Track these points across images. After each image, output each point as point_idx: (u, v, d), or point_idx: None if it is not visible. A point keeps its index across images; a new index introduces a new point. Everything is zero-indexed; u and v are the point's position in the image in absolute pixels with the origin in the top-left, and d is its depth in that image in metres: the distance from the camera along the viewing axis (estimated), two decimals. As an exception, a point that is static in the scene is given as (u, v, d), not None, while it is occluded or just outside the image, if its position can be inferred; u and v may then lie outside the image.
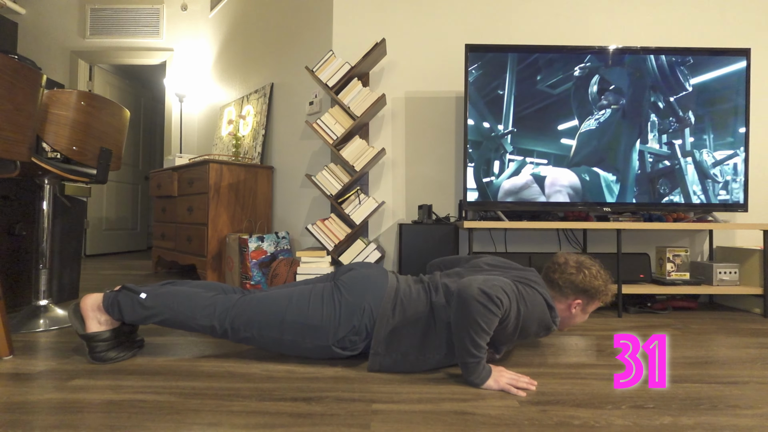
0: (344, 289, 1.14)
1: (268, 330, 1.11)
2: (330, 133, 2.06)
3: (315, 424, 0.81)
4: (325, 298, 1.13)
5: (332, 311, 1.10)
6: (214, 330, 1.11)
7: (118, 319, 1.13)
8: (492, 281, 1.00)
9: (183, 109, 3.85)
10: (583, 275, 1.19)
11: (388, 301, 1.13)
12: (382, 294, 1.14)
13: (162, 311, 1.11)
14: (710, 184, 1.91)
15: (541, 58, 1.91)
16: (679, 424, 0.82)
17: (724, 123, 1.91)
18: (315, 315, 1.10)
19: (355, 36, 2.31)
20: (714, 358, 1.25)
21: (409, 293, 1.15)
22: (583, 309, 1.23)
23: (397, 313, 1.11)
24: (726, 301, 2.09)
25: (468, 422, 0.82)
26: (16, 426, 0.78)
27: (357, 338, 1.10)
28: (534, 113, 1.91)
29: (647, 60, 1.91)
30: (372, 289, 1.14)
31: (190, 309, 1.11)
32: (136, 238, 4.60)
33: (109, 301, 1.11)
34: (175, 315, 1.11)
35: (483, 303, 0.95)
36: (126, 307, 1.11)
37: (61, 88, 1.54)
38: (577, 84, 1.91)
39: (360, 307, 1.10)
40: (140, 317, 1.11)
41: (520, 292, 1.07)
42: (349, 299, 1.11)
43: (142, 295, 1.12)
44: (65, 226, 1.93)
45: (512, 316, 1.03)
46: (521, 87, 1.91)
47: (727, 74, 1.91)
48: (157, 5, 3.84)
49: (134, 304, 1.11)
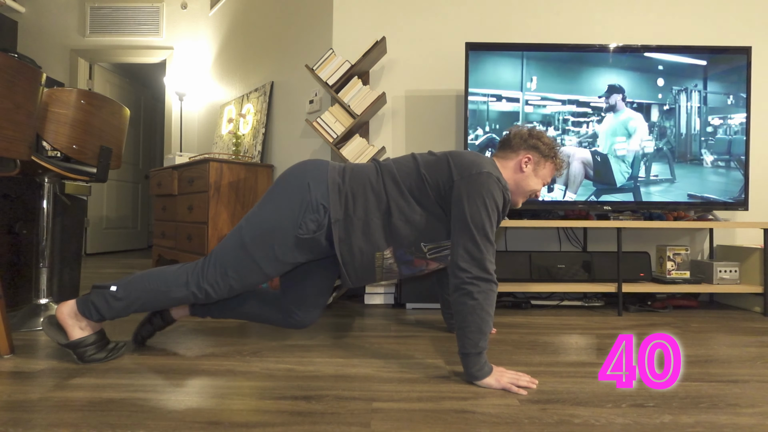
0: (282, 181, 1.15)
1: (240, 264, 1.09)
2: (330, 132, 2.06)
3: (315, 423, 0.81)
4: (266, 200, 1.13)
5: (279, 204, 1.10)
6: (195, 296, 1.10)
7: (98, 320, 1.10)
8: (474, 253, 1.01)
9: (183, 107, 3.84)
10: (535, 133, 1.22)
11: (333, 171, 1.14)
12: (324, 169, 1.14)
13: (138, 296, 1.10)
14: (710, 183, 1.91)
15: (541, 55, 1.91)
16: (680, 423, 0.82)
17: (724, 121, 1.91)
18: (267, 218, 1.10)
19: (356, 34, 2.30)
20: (714, 357, 1.25)
21: (356, 165, 1.18)
22: (534, 169, 1.22)
23: (347, 179, 1.13)
24: (726, 300, 2.09)
25: (468, 421, 0.82)
26: (16, 424, 0.78)
27: (316, 215, 1.09)
28: (536, 113, 1.91)
29: (648, 58, 1.90)
30: (311, 170, 1.14)
31: (164, 283, 1.10)
32: (137, 237, 4.61)
33: (84, 305, 1.09)
34: (152, 295, 1.10)
35: (483, 290, 0.99)
36: (101, 304, 1.09)
37: (61, 87, 1.54)
38: (577, 83, 1.91)
39: (303, 185, 1.10)
40: (118, 310, 1.10)
41: (490, 199, 1.05)
42: (289, 185, 1.12)
43: (113, 288, 1.10)
44: (65, 225, 1.92)
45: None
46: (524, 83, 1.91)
47: (727, 73, 1.91)
48: (157, 3, 3.83)
49: (107, 298, 1.09)
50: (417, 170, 1.12)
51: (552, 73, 1.90)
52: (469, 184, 1.05)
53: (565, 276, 1.94)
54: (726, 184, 1.91)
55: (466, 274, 1.00)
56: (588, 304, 1.95)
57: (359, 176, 1.14)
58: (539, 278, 1.93)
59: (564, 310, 1.89)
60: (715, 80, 1.91)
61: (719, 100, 1.91)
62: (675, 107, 1.90)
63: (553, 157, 1.22)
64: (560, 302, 1.96)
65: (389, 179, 1.13)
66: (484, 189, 1.04)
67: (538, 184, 1.24)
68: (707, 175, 1.91)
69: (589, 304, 1.95)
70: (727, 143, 1.91)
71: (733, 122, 1.91)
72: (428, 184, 1.10)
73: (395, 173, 1.14)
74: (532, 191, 1.25)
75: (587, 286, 1.84)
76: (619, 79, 1.90)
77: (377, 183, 1.13)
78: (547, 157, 1.21)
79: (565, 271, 1.94)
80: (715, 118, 1.91)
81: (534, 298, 1.99)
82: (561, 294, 2.01)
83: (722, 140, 1.91)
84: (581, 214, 2.04)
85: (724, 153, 1.91)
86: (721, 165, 1.91)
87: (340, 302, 2.01)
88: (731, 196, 1.91)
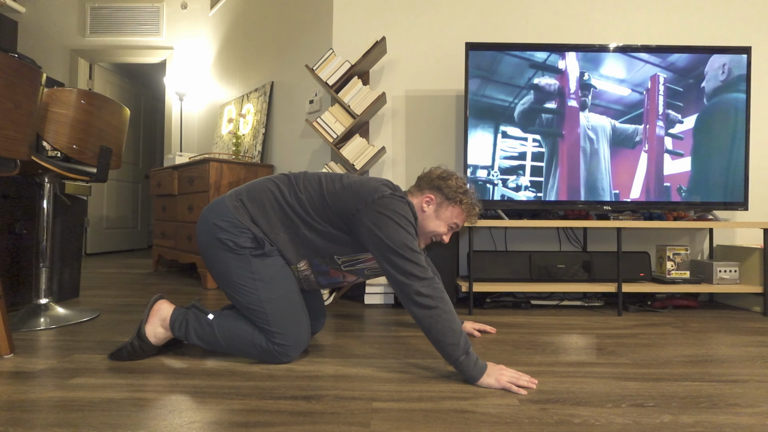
0: (201, 246, 1.16)
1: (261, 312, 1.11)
2: (330, 132, 2.06)
3: (315, 423, 0.81)
4: (210, 265, 1.15)
5: (215, 260, 1.13)
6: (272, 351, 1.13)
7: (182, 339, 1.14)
8: (407, 268, 1.01)
9: (183, 107, 3.84)
10: (444, 175, 1.21)
11: (230, 199, 1.15)
12: (221, 201, 1.15)
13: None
14: (710, 182, 1.91)
15: (541, 55, 1.91)
16: (679, 423, 0.82)
17: (724, 121, 1.91)
18: (222, 271, 1.13)
19: (356, 34, 2.31)
20: (714, 357, 1.25)
21: (251, 184, 1.18)
22: (436, 211, 1.20)
23: (246, 200, 1.14)
24: (726, 300, 2.09)
25: (468, 420, 0.82)
26: (16, 424, 0.78)
27: (240, 232, 1.11)
28: (534, 112, 1.91)
29: (647, 58, 1.90)
30: (208, 213, 1.15)
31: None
32: (137, 237, 4.61)
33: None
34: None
35: (428, 305, 0.99)
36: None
37: (61, 87, 1.53)
38: (577, 83, 1.91)
39: (211, 230, 1.12)
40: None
41: (398, 216, 1.05)
42: (206, 241, 1.14)
43: (209, 316, 1.14)
44: (66, 225, 1.93)
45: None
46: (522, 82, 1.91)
47: (727, 72, 1.91)
48: (157, 3, 3.83)
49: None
50: (321, 194, 1.13)
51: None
52: (374, 210, 1.05)
53: (565, 276, 1.94)
54: (726, 183, 1.91)
55: (410, 289, 1.00)
56: (588, 304, 1.95)
57: (257, 194, 1.15)
58: (539, 278, 1.93)
59: (564, 310, 1.89)
60: (715, 79, 1.91)
61: (719, 99, 1.91)
62: (673, 106, 1.90)
63: (459, 202, 1.20)
64: (560, 302, 1.96)
65: (292, 195, 1.14)
66: (389, 210, 1.05)
67: (440, 227, 1.22)
68: (706, 174, 1.91)
69: (589, 304, 1.95)
70: (727, 142, 1.91)
71: (733, 122, 1.91)
72: (330, 210, 1.11)
73: (300, 190, 1.14)
74: (432, 233, 1.23)
75: (587, 286, 1.85)
76: (617, 78, 1.90)
77: (280, 198, 1.14)
78: (451, 200, 1.20)
79: (564, 271, 1.94)
80: (715, 117, 1.91)
81: (534, 298, 1.99)
82: (561, 294, 2.01)
83: (722, 139, 1.91)
84: (581, 214, 2.04)
85: (723, 152, 1.91)
86: (720, 164, 1.91)
87: (339, 302, 2.01)
88: (731, 195, 1.91)
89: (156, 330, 1.14)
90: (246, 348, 1.11)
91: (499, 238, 2.22)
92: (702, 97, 1.91)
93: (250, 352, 1.11)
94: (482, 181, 1.92)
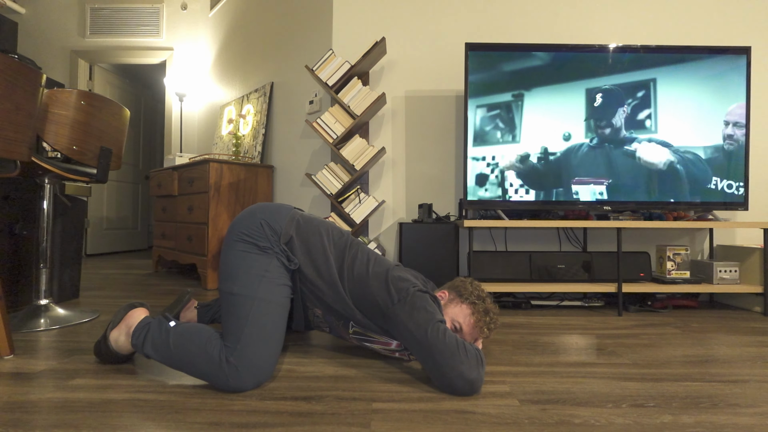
0: (236, 228, 1.12)
1: (239, 306, 1.03)
2: (330, 132, 2.06)
3: (315, 423, 0.81)
4: (229, 252, 1.11)
5: (242, 253, 1.08)
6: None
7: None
8: (457, 357, 0.95)
9: (183, 108, 3.85)
10: (467, 282, 1.22)
11: (291, 221, 1.13)
12: (288, 208, 1.16)
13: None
14: (710, 182, 1.91)
15: (541, 56, 1.91)
16: (680, 423, 0.82)
17: (724, 120, 1.91)
18: (235, 267, 1.07)
19: (355, 35, 2.31)
20: (714, 357, 1.25)
21: (310, 225, 1.17)
22: (446, 305, 1.18)
23: (295, 234, 1.12)
24: (726, 300, 2.09)
25: (468, 421, 0.82)
26: (17, 425, 0.78)
27: (276, 246, 1.09)
28: (533, 113, 1.91)
29: (648, 58, 1.90)
30: (272, 214, 1.14)
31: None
32: (137, 238, 4.61)
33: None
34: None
35: (468, 378, 0.94)
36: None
37: (61, 88, 1.53)
38: (577, 82, 1.91)
39: (256, 222, 1.10)
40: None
41: (422, 309, 1.04)
42: (244, 229, 1.10)
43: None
44: (66, 226, 1.93)
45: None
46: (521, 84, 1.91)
47: (727, 72, 1.91)
48: (157, 4, 3.84)
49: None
50: (365, 279, 1.11)
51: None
52: (405, 307, 1.04)
53: (565, 276, 1.94)
54: (725, 183, 1.91)
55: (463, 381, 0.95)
56: (588, 304, 1.95)
57: (310, 237, 1.14)
58: (539, 278, 1.93)
59: (564, 310, 1.89)
60: (715, 80, 1.91)
61: (719, 100, 1.91)
62: (673, 106, 1.90)
63: (473, 303, 1.16)
64: (560, 302, 1.96)
65: (339, 263, 1.13)
66: (416, 307, 1.03)
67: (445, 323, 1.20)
68: (706, 174, 1.91)
69: (589, 304, 1.95)
70: (727, 141, 1.91)
71: (734, 122, 1.91)
72: (368, 300, 1.10)
73: (350, 268, 1.12)
74: None
75: (587, 286, 1.84)
76: (617, 78, 1.90)
77: (329, 258, 1.13)
78: (465, 299, 1.17)
79: (565, 271, 1.94)
80: (715, 117, 1.91)
81: (534, 298, 1.99)
82: (561, 294, 2.01)
83: (722, 139, 1.91)
84: (581, 214, 2.04)
85: (723, 152, 1.91)
86: (720, 163, 1.91)
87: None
88: (731, 196, 1.91)
89: (119, 337, 1.08)
90: (193, 357, 0.95)
91: (499, 238, 2.22)
92: (702, 95, 1.91)
93: (196, 363, 0.95)
94: (482, 180, 1.92)
